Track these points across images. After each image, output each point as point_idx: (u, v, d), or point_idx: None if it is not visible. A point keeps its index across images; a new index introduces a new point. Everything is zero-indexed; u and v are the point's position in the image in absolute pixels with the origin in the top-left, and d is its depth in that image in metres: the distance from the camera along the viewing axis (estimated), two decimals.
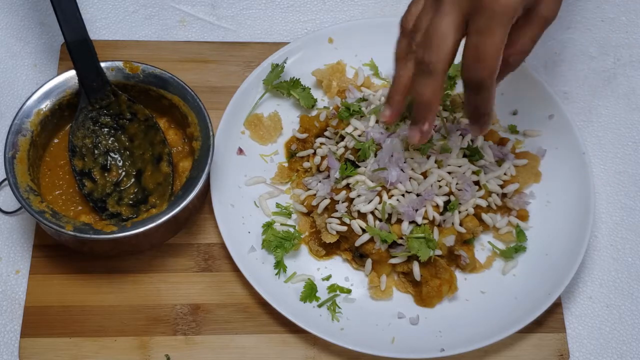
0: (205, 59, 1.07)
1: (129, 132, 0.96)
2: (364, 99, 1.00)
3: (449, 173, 0.92)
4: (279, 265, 0.92)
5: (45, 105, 0.91)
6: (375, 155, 0.92)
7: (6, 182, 0.91)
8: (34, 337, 0.90)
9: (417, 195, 0.91)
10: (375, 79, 1.06)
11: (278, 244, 0.92)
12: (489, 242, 0.96)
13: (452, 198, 0.92)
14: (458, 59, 1.02)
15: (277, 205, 0.97)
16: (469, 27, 0.73)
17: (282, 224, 0.96)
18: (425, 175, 0.92)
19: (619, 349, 0.94)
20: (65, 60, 1.04)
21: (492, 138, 0.99)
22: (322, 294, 0.92)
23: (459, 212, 0.92)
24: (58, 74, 0.93)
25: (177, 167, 0.95)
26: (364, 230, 0.91)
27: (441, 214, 0.91)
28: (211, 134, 0.91)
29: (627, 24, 1.16)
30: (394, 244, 0.91)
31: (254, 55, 1.08)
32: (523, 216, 0.97)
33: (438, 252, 0.91)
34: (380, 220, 0.91)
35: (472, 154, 0.95)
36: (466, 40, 0.74)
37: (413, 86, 0.78)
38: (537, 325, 0.92)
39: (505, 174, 0.97)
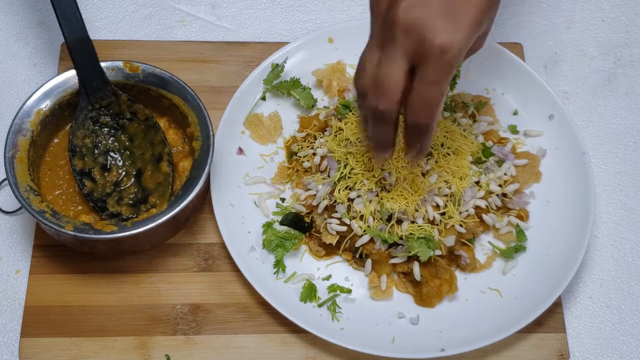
0: (205, 59, 1.07)
1: (129, 132, 0.96)
2: None
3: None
4: (279, 265, 0.92)
5: (45, 105, 0.91)
6: None
7: (6, 182, 0.91)
8: (34, 337, 0.90)
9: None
10: None
11: (279, 243, 0.93)
12: (489, 242, 0.96)
13: (453, 198, 0.92)
14: None
15: (277, 205, 0.97)
16: (417, 75, 0.73)
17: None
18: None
19: (619, 349, 0.94)
20: (65, 60, 1.04)
21: (492, 138, 0.99)
22: (322, 294, 0.92)
23: (459, 212, 0.92)
24: (58, 74, 0.93)
25: (177, 167, 0.95)
26: (364, 231, 0.91)
27: (441, 214, 0.91)
28: (211, 133, 0.91)
29: (627, 24, 1.16)
30: (394, 244, 0.91)
31: (254, 55, 1.08)
32: (523, 216, 0.97)
33: (438, 252, 0.91)
34: (380, 220, 0.91)
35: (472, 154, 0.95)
36: (413, 87, 0.74)
37: (370, 128, 0.79)
38: (537, 325, 0.92)
39: (505, 174, 0.97)
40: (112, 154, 0.95)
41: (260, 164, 1.00)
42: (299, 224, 0.94)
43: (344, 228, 0.92)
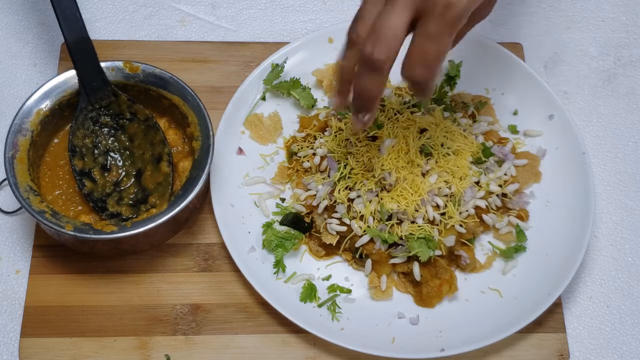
0: (205, 59, 1.07)
1: (129, 132, 0.96)
2: None
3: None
4: (279, 265, 0.92)
5: (45, 105, 0.91)
6: None
7: (6, 182, 0.91)
8: (34, 337, 0.90)
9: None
10: None
11: (279, 243, 0.93)
12: (489, 242, 0.96)
13: (453, 198, 0.92)
14: (458, 57, 1.02)
15: (277, 205, 0.97)
16: (418, 28, 0.71)
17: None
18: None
19: (619, 349, 0.94)
20: (65, 60, 1.04)
21: (492, 138, 0.99)
22: (322, 294, 0.92)
23: (459, 212, 0.92)
24: (58, 74, 0.93)
25: (177, 167, 0.95)
26: (364, 231, 0.91)
27: (441, 214, 0.91)
28: (211, 133, 0.91)
29: (627, 24, 1.16)
30: (394, 244, 0.91)
31: (254, 55, 1.08)
32: (523, 216, 0.97)
33: (438, 252, 0.91)
34: (380, 220, 0.91)
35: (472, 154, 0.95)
36: (413, 40, 0.72)
37: (357, 79, 0.76)
38: (537, 325, 0.92)
39: (505, 174, 0.97)
40: (112, 154, 0.95)
41: (260, 164, 1.00)
42: (299, 224, 0.94)
43: (344, 228, 0.92)
